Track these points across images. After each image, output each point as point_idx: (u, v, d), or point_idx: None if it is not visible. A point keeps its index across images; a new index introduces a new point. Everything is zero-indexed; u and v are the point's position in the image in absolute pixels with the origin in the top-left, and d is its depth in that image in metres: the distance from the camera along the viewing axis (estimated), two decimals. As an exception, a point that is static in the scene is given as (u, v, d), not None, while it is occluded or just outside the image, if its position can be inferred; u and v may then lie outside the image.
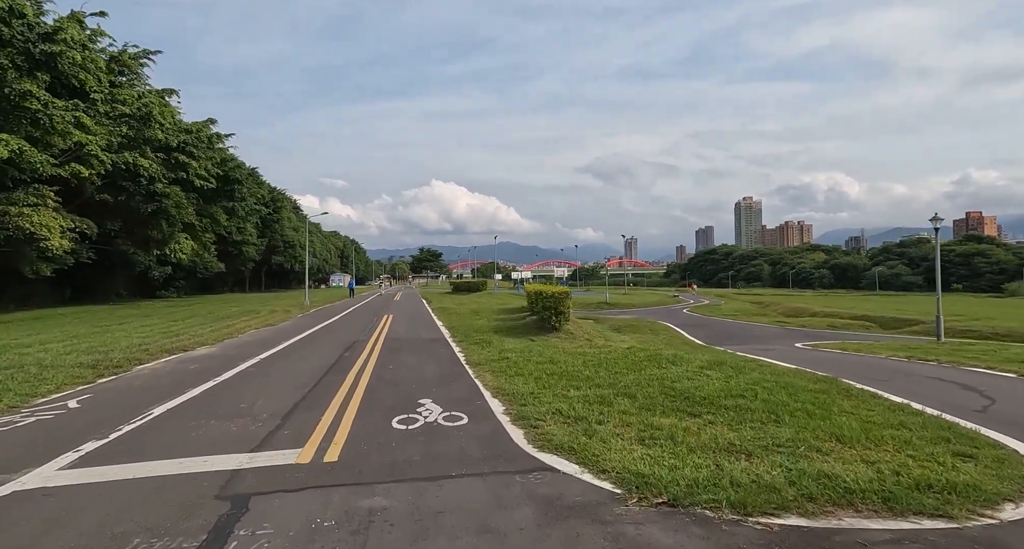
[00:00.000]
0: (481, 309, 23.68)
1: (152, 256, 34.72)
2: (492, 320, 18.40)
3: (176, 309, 27.72)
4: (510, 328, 15.35)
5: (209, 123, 41.51)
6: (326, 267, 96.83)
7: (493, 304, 27.93)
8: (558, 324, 13.23)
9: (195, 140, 33.98)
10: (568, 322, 13.26)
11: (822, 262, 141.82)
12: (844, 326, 25.06)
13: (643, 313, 41.30)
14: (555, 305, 13.24)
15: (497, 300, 32.40)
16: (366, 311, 24.76)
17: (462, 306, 26.58)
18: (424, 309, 25.54)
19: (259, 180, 62.75)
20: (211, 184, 35.79)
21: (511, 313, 21.02)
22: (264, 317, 20.96)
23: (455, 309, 24.11)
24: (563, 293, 13.13)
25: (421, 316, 21.50)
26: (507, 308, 23.57)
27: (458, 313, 21.88)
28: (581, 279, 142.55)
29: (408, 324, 17.78)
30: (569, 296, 13.10)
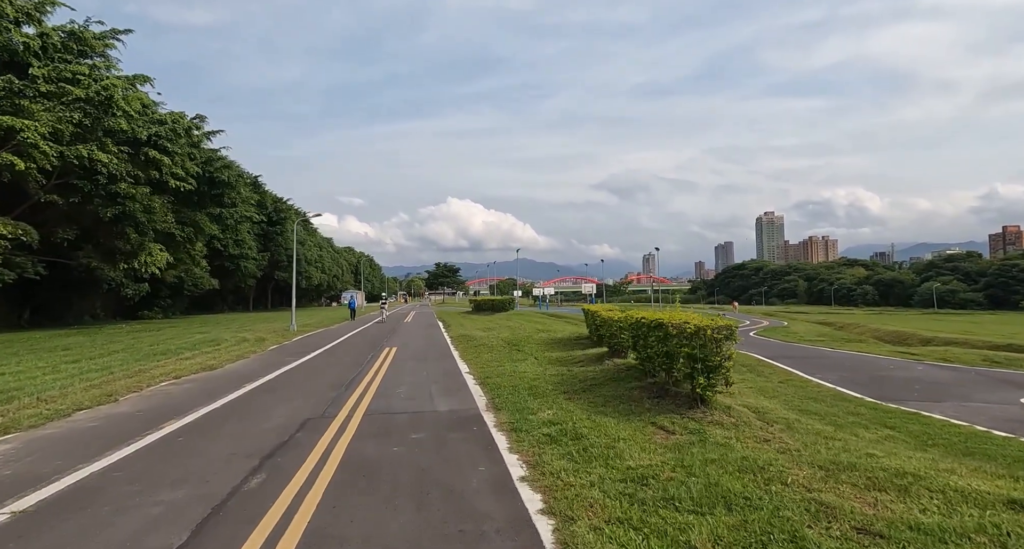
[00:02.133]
0: (519, 339, 17.27)
1: (118, 270, 29.21)
2: (544, 362, 11.99)
3: (128, 336, 21.83)
4: (584, 382, 8.94)
5: (198, 121, 36.42)
6: (337, 284, 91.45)
7: (529, 329, 21.51)
8: (707, 391, 6.42)
9: (170, 133, 28.59)
10: (727, 387, 6.63)
11: (864, 278, 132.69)
12: (1010, 361, 18.15)
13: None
14: (696, 353, 6.33)
15: (531, 322, 25.92)
16: (361, 342, 18.51)
17: (490, 332, 20.22)
18: (440, 339, 19.20)
19: (261, 189, 57.78)
20: (188, 185, 30.29)
21: (565, 347, 14.59)
22: (216, 353, 14.84)
23: (483, 339, 17.75)
24: (706, 328, 6.35)
25: (435, 352, 15.15)
26: (555, 338, 17.15)
27: (488, 346, 15.49)
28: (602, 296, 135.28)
29: (414, 371, 11.44)
30: (731, 334, 6.43)
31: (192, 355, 14.32)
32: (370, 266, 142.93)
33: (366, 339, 19.31)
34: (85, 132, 24.87)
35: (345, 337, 20.13)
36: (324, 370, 11.64)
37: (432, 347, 16.26)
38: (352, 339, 19.42)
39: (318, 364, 12.69)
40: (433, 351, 15.12)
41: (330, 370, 11.60)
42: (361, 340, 18.99)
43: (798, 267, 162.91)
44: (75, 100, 24.29)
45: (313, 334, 22.24)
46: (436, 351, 15.14)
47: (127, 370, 11.46)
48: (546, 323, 25.25)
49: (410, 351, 15.17)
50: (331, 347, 16.64)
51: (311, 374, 11.06)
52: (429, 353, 14.67)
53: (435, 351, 15.13)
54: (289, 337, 20.65)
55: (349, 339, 19.39)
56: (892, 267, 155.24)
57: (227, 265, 51.17)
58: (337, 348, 16.30)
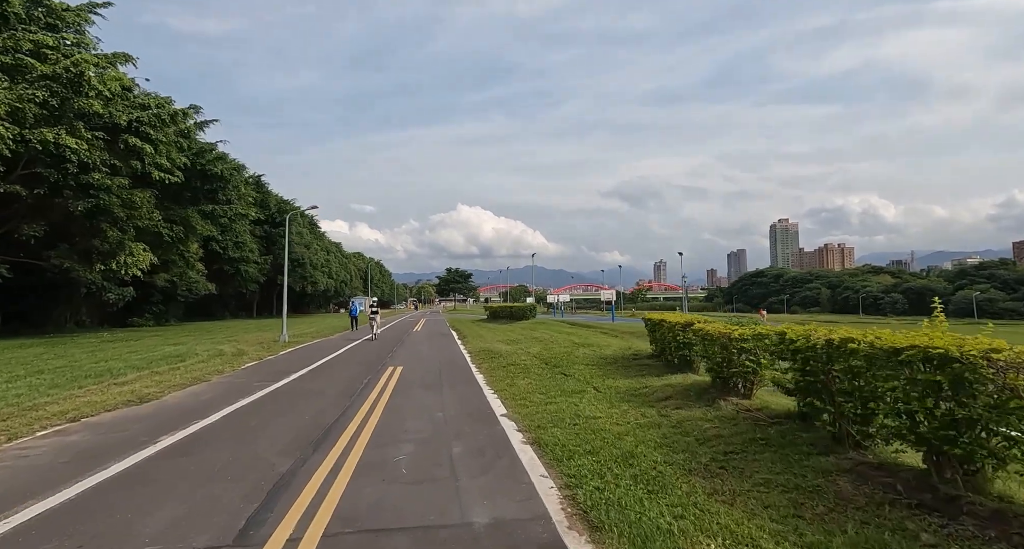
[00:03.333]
0: (557, 356, 13.63)
1: (95, 272, 26.09)
2: (613, 396, 8.32)
3: (94, 346, 18.51)
4: (713, 449, 5.29)
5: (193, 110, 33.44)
6: (345, 289, 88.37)
7: (563, 342, 17.83)
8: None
9: (153, 119, 25.48)
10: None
11: (892, 286, 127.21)
12: None
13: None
14: None
15: (561, 333, 22.21)
16: (358, 359, 14.98)
17: (516, 346, 16.61)
18: (456, 355, 15.60)
19: (264, 189, 54.88)
20: (175, 178, 27.17)
21: (626, 369, 10.90)
22: (170, 375, 11.41)
23: (510, 355, 14.15)
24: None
25: (452, 376, 11.56)
26: (603, 355, 13.46)
27: (522, 367, 11.86)
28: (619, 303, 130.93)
29: (424, 411, 7.86)
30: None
31: (136, 378, 10.89)
32: (380, 272, 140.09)
33: (365, 354, 15.75)
34: (52, 114, 21.83)
35: (340, 351, 16.61)
36: (296, 406, 8.10)
37: (447, 367, 12.66)
38: (348, 354, 15.89)
39: (291, 395, 9.16)
40: (449, 374, 11.53)
41: (304, 406, 8.06)
42: (359, 356, 15.44)
43: (820, 274, 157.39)
44: (41, 77, 21.28)
45: (304, 346, 18.76)
46: (453, 374, 11.54)
47: (18, 405, 8.03)
48: (581, 334, 21.53)
49: (419, 373, 11.61)
50: (320, 366, 13.11)
51: (273, 415, 7.52)
52: (444, 377, 11.07)
53: (452, 374, 11.53)
54: (275, 350, 17.18)
55: (344, 354, 15.85)
56: (921, 275, 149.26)
57: (226, 269, 48.14)
58: (327, 368, 12.78)
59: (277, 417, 7.35)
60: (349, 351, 16.90)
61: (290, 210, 58.07)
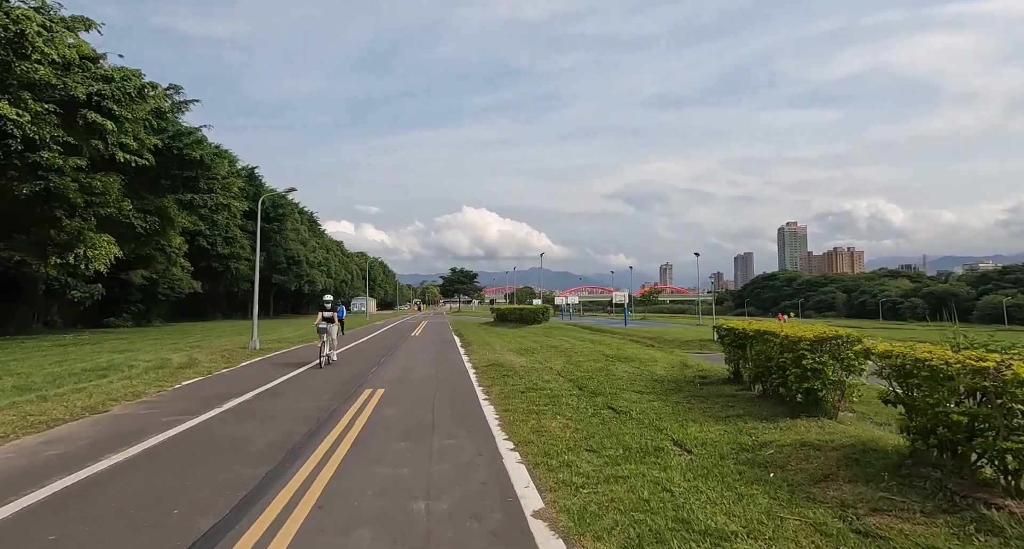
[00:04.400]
0: (590, 374, 10.22)
1: (51, 266, 22.96)
2: (707, 451, 4.96)
3: (29, 353, 15.30)
4: None
5: (173, 91, 30.40)
6: (346, 289, 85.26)
7: (591, 354, 14.41)
8: None
9: (117, 93, 22.34)
10: None
11: (911, 290, 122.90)
12: None
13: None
14: None
15: (584, 341, 18.74)
16: (329, 378, 11.68)
17: (532, 358, 13.27)
18: (458, 373, 12.23)
19: (257, 182, 51.84)
20: (142, 160, 24.03)
21: (709, 404, 7.43)
22: (64, 400, 8.16)
23: (527, 373, 10.80)
24: None
25: (449, 409, 8.17)
26: (654, 375, 10.04)
27: (549, 395, 8.42)
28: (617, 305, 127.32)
29: (394, 508, 4.46)
30: None
31: (3, 407, 7.64)
32: (383, 272, 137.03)
33: (342, 369, 12.41)
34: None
35: (314, 364, 13.31)
36: (180, 477, 4.78)
37: (445, 392, 9.29)
38: (319, 369, 12.57)
39: (193, 448, 5.82)
40: (446, 404, 8.17)
41: (194, 478, 4.74)
42: (334, 371, 12.11)
43: (834, 278, 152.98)
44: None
45: (275, 355, 15.44)
46: (452, 404, 8.18)
47: None
48: (608, 343, 18.01)
49: (405, 403, 8.27)
50: (275, 387, 9.79)
51: (123, 505, 4.20)
52: (438, 410, 7.70)
53: (450, 405, 8.17)
54: (235, 361, 13.89)
55: (314, 370, 12.53)
56: (939, 279, 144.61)
57: (215, 266, 45.11)
58: (281, 392, 9.47)
59: (124, 512, 4.03)
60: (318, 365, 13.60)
61: (286, 204, 54.99)
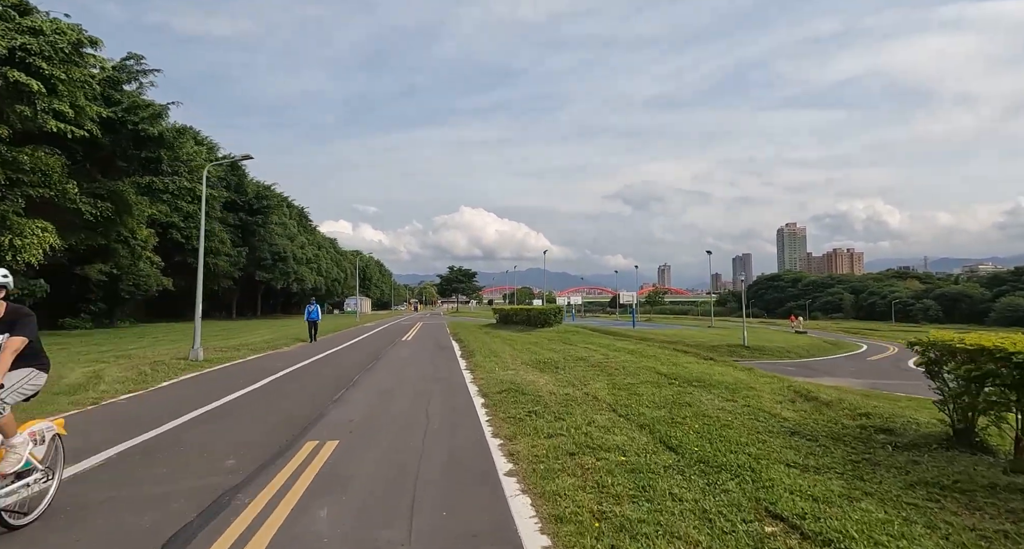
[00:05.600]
0: (670, 416, 6.45)
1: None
2: None
3: None
4: None
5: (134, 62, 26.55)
6: (339, 288, 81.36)
7: (638, 370, 10.64)
8: None
9: (46, 49, 18.54)
10: None
11: (923, 291, 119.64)
12: None
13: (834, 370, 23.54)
14: None
15: (619, 352, 14.91)
16: (272, 406, 7.90)
17: (556, 377, 9.57)
18: (458, 400, 8.48)
19: (240, 171, 48.00)
20: (80, 132, 20.22)
21: (950, 498, 3.79)
22: None
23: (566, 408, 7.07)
24: None
25: (444, 508, 4.27)
26: (783, 419, 6.27)
27: (638, 476, 4.60)
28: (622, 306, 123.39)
29: None
30: None
31: None
32: (379, 271, 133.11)
33: (285, 400, 8.58)
34: None
35: (259, 385, 9.51)
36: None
37: (437, 455, 5.48)
38: (263, 395, 8.77)
39: None
40: (440, 495, 4.40)
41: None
42: (278, 398, 8.31)
43: (841, 279, 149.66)
44: None
45: (210, 373, 11.61)
46: (449, 494, 4.41)
47: None
48: (653, 355, 13.97)
49: (363, 485, 4.51)
50: (167, 433, 6.05)
51: None
52: (424, 512, 3.95)
53: (445, 493, 4.40)
54: (152, 381, 10.08)
55: (257, 394, 8.75)
56: (948, 279, 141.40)
57: (191, 261, 41.15)
58: (173, 441, 5.74)
59: None
60: (274, 385, 9.80)
61: (272, 197, 51.14)
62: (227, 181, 45.30)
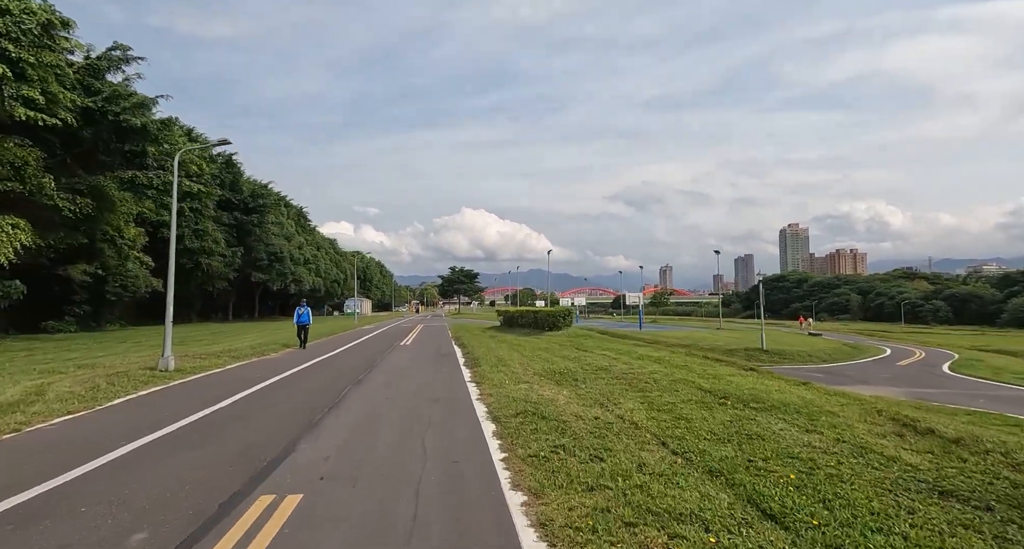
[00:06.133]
0: (746, 457, 4.91)
1: (-68, 256, 17.77)
2: None
3: None
4: None
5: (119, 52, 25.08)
6: (338, 290, 79.86)
7: (678, 383, 9.09)
8: None
9: (13, 30, 17.08)
10: None
11: (932, 292, 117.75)
12: None
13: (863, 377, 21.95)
14: None
15: (645, 361, 13.31)
16: (210, 455, 6.33)
17: (578, 392, 8.03)
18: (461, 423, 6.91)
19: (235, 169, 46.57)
20: (52, 120, 18.75)
21: None
22: None
23: (618, 451, 5.51)
24: None
25: None
26: (920, 475, 4.73)
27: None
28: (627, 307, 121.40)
29: None
30: None
31: None
32: (380, 272, 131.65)
33: (248, 427, 7.01)
34: None
35: (221, 407, 7.98)
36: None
37: (435, 523, 3.99)
38: (224, 420, 7.23)
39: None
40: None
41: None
42: (230, 434, 6.77)
43: (848, 279, 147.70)
44: None
45: (176, 386, 10.05)
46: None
47: None
48: (684, 365, 12.24)
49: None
50: (79, 479, 4.54)
51: None
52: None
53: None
54: (106, 397, 8.53)
55: (209, 422, 7.21)
56: (957, 280, 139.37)
57: (183, 261, 39.70)
58: (86, 489, 4.20)
59: None
60: (242, 404, 8.25)
61: (268, 195, 49.63)
62: (221, 179, 43.86)
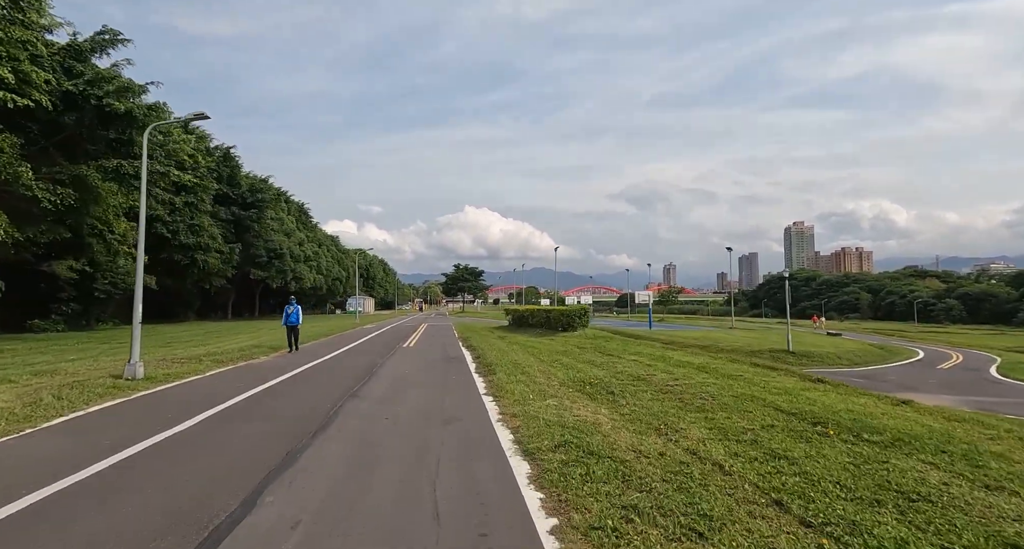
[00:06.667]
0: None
1: None
2: None
3: None
4: None
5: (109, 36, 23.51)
6: (339, 287, 78.34)
7: (742, 399, 7.41)
8: None
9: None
10: None
11: (944, 291, 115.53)
12: None
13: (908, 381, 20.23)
14: None
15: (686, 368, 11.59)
16: (146, 492, 4.63)
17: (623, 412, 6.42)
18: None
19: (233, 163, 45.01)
20: (23, 101, 17.18)
21: None
22: None
23: (738, 533, 3.74)
24: None
25: None
26: None
27: None
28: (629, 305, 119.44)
29: None
30: None
31: None
32: (384, 270, 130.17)
33: (212, 457, 5.37)
34: None
35: (179, 430, 6.37)
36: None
37: None
38: (166, 457, 5.61)
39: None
40: None
41: None
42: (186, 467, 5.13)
43: (857, 278, 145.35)
44: None
45: (139, 400, 8.42)
46: None
47: None
48: (731, 373, 10.21)
49: None
50: None
51: None
52: None
53: None
54: (41, 416, 6.93)
55: (158, 454, 5.58)
56: (969, 279, 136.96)
57: (178, 258, 38.21)
58: None
59: None
60: (202, 429, 6.60)
61: (267, 190, 48.03)
62: (218, 172, 42.31)
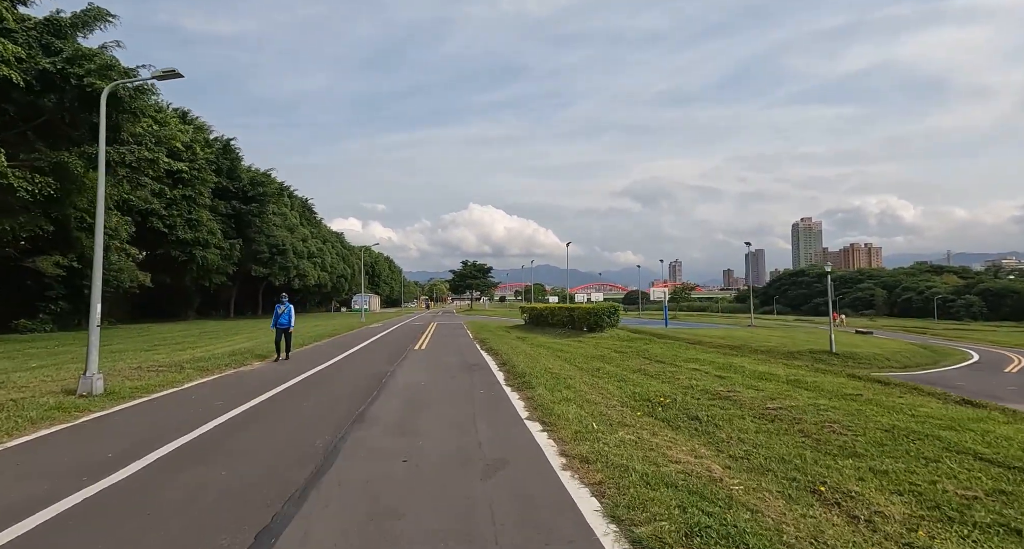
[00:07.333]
0: None
1: None
2: None
3: None
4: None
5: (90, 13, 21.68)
6: (344, 284, 76.61)
7: (874, 428, 5.50)
8: None
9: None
10: None
11: (963, 287, 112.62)
12: None
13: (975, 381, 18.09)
14: None
15: (781, 385, 9.64)
16: None
17: (720, 446, 4.52)
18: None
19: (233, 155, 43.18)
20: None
21: None
22: None
23: None
24: None
25: None
26: None
27: None
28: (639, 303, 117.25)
29: None
30: None
31: None
32: (389, 268, 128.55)
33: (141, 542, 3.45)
34: None
35: (106, 485, 4.44)
36: None
37: None
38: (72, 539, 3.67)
39: None
40: None
41: None
42: None
43: (872, 274, 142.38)
44: None
45: (76, 429, 6.49)
46: None
47: None
48: (884, 402, 8.03)
49: None
50: None
51: None
52: None
53: None
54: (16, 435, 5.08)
55: (64, 533, 3.65)
56: (996, 274, 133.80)
57: (175, 254, 36.46)
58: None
59: None
60: (140, 483, 4.68)
61: (269, 184, 46.18)
62: (218, 165, 40.52)
